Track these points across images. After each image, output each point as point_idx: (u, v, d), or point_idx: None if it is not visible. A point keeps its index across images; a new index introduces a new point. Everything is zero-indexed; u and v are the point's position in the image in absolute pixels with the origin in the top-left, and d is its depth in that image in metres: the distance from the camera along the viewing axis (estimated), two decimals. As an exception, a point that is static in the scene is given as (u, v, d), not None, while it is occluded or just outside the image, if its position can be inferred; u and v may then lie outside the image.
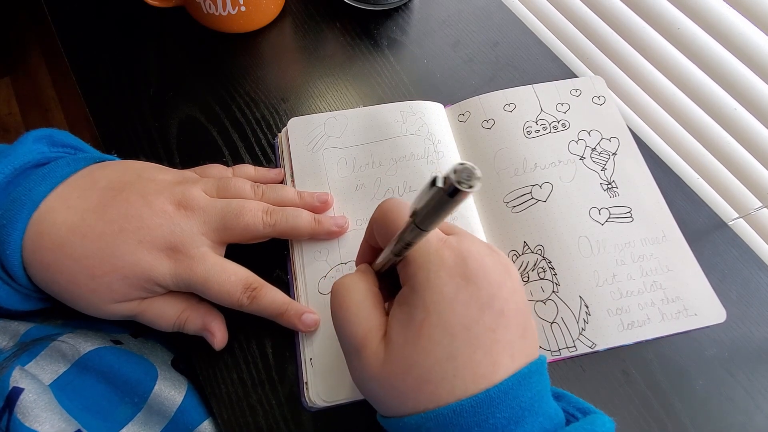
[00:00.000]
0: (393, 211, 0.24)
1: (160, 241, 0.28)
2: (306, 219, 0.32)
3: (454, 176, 0.16)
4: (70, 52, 0.43)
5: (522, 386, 0.22)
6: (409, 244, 0.21)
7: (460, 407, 0.21)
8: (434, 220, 0.19)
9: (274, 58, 0.45)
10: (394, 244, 0.22)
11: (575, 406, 0.25)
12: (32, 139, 0.29)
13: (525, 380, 0.22)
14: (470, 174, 0.16)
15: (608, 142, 0.39)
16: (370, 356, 0.23)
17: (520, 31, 0.47)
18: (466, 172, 0.16)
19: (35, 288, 0.27)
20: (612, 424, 0.23)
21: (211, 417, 0.30)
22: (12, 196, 0.26)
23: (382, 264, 0.25)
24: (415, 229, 0.20)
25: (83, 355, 0.28)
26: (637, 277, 0.34)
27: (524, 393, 0.22)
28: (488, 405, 0.21)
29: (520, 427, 0.21)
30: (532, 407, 0.22)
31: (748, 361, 0.33)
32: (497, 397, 0.21)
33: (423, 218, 0.19)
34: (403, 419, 0.22)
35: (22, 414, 0.23)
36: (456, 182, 0.16)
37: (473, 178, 0.16)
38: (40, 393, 0.24)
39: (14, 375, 0.24)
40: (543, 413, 0.22)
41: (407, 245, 0.22)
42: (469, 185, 0.16)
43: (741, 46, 0.35)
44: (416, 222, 0.19)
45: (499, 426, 0.21)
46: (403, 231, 0.21)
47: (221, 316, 0.31)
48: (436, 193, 0.17)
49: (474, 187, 0.16)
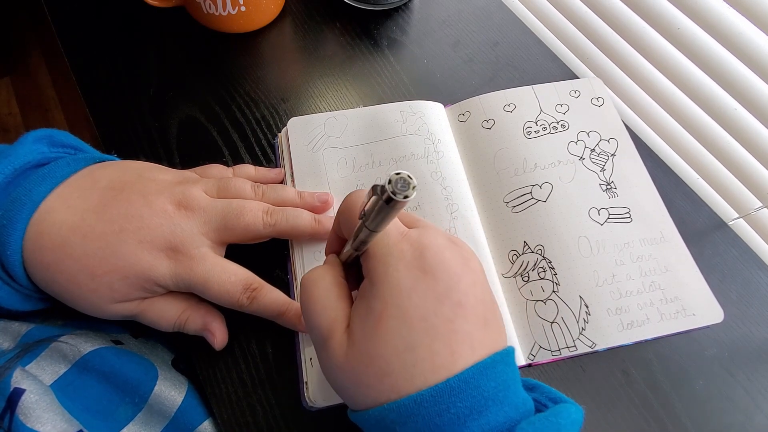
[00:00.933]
0: (356, 204, 0.25)
1: (160, 241, 0.28)
2: (306, 219, 0.32)
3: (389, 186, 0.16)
4: (70, 52, 0.43)
5: (484, 376, 0.22)
6: (364, 242, 0.22)
7: (421, 397, 0.21)
8: (379, 222, 0.20)
9: (274, 58, 0.45)
10: (352, 240, 0.23)
11: (547, 396, 0.25)
12: (32, 139, 0.29)
13: (487, 370, 0.22)
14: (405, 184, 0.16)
15: (607, 143, 0.39)
16: (335, 346, 0.23)
17: (520, 31, 0.47)
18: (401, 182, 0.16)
19: (35, 288, 0.27)
20: (580, 413, 0.23)
21: (211, 417, 0.30)
22: (12, 196, 0.26)
23: (346, 256, 0.26)
24: (365, 229, 0.21)
25: (84, 355, 0.28)
26: (636, 278, 0.34)
27: (487, 383, 0.22)
28: (448, 394, 0.21)
29: (483, 416, 0.21)
30: (497, 396, 0.22)
31: (748, 361, 0.33)
32: (457, 386, 0.21)
33: (371, 220, 0.20)
34: (367, 412, 0.22)
35: (24, 415, 0.23)
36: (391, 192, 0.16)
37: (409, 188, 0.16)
38: (42, 394, 0.24)
39: (15, 376, 0.24)
40: (509, 403, 0.22)
41: (362, 243, 0.22)
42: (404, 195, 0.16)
43: (741, 46, 0.35)
44: (366, 224, 0.20)
45: (461, 415, 0.21)
46: (357, 229, 0.22)
47: (221, 316, 0.31)
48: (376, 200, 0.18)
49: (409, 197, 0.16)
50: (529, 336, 0.33)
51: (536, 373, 0.32)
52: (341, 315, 0.24)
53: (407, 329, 0.22)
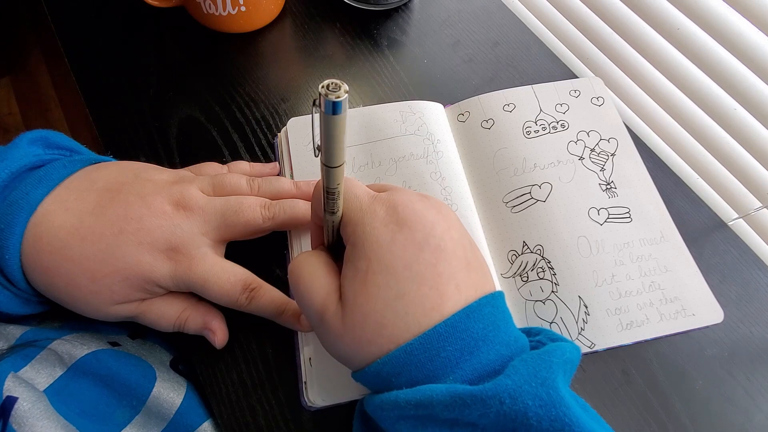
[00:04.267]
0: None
1: (160, 242, 0.27)
2: (303, 208, 0.33)
3: (323, 90, 0.17)
4: (70, 52, 0.43)
5: (471, 318, 0.23)
6: (332, 191, 0.22)
7: (410, 347, 0.22)
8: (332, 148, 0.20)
9: (274, 58, 0.45)
10: (324, 202, 0.24)
11: (548, 336, 0.26)
12: (27, 141, 0.29)
13: (475, 312, 0.23)
14: (337, 86, 0.17)
15: (607, 142, 0.39)
16: (331, 318, 0.24)
17: (520, 31, 0.47)
18: (332, 85, 0.17)
19: (34, 292, 0.27)
20: (576, 352, 0.24)
21: (210, 418, 0.30)
22: (9, 200, 0.26)
23: (327, 234, 0.26)
24: (326, 168, 0.21)
25: (80, 358, 0.28)
26: (635, 278, 0.34)
27: (475, 324, 0.22)
28: (437, 339, 0.22)
29: (474, 356, 0.22)
30: (486, 337, 0.23)
31: (748, 361, 0.33)
32: (445, 331, 0.22)
33: (324, 152, 0.20)
34: (365, 370, 0.23)
35: (18, 424, 0.23)
36: (325, 95, 0.17)
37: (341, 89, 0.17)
38: (35, 401, 0.24)
39: (7, 384, 0.24)
40: (500, 341, 0.23)
41: (332, 193, 0.23)
42: (336, 96, 0.17)
43: (741, 46, 0.35)
44: (322, 161, 0.21)
45: (452, 358, 0.22)
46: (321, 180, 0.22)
47: (221, 314, 0.31)
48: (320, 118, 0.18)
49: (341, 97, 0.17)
50: (529, 336, 0.33)
51: (536, 373, 0.32)
52: (332, 288, 0.24)
53: (394, 279, 0.22)
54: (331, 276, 0.25)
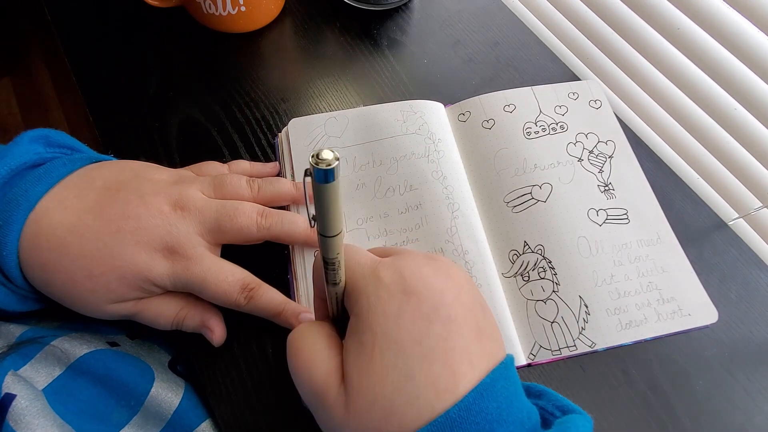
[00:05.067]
0: None
1: (157, 241, 0.27)
2: (302, 226, 0.32)
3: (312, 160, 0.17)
4: (70, 52, 0.43)
5: (485, 398, 0.21)
6: (331, 261, 0.21)
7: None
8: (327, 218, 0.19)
9: (274, 58, 0.45)
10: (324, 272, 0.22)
11: (554, 404, 0.24)
12: (28, 139, 0.29)
13: (488, 390, 0.21)
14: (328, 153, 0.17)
15: (605, 145, 0.40)
16: (333, 402, 0.22)
17: (521, 31, 0.47)
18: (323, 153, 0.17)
19: (32, 289, 0.27)
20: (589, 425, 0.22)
21: (209, 418, 0.30)
22: (8, 197, 0.26)
23: (331, 305, 0.25)
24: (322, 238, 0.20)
25: (79, 358, 0.27)
26: (634, 278, 0.34)
27: (489, 404, 0.20)
28: (451, 427, 0.20)
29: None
30: (500, 417, 0.20)
31: (748, 361, 0.33)
32: (459, 416, 0.20)
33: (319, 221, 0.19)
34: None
35: (15, 421, 0.23)
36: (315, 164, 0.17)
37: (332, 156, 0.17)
38: (33, 399, 0.24)
39: (6, 381, 0.24)
40: (513, 420, 0.21)
41: (331, 264, 0.21)
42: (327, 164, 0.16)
43: (741, 46, 0.35)
44: (318, 230, 0.19)
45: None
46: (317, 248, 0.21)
47: (219, 313, 0.31)
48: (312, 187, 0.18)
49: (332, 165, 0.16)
50: (530, 335, 0.33)
51: (536, 372, 0.32)
52: (334, 366, 0.22)
53: (402, 357, 0.21)
54: (332, 350, 0.23)
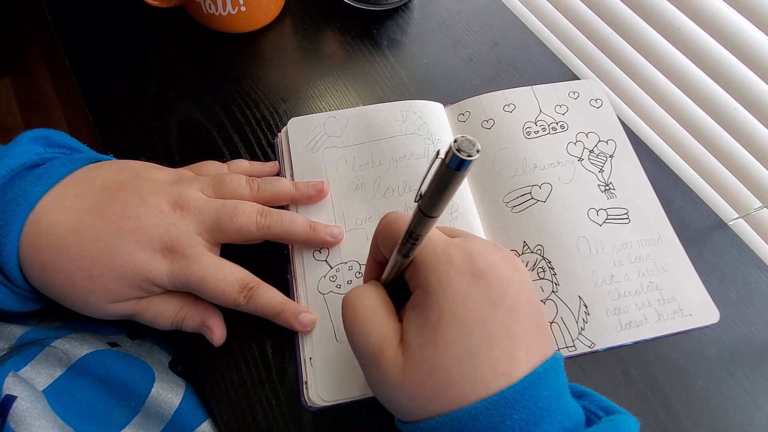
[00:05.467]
0: (397, 221, 0.24)
1: (156, 241, 0.27)
2: (301, 226, 0.32)
3: (454, 145, 0.16)
4: (70, 52, 0.43)
5: (538, 385, 0.21)
6: (417, 237, 0.21)
7: (475, 410, 0.20)
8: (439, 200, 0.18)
9: (274, 58, 0.45)
10: (401, 244, 0.22)
11: (598, 405, 0.24)
12: (28, 139, 0.29)
13: (541, 379, 0.22)
14: (471, 144, 0.16)
15: (605, 144, 0.39)
16: (388, 364, 0.22)
17: (520, 31, 0.47)
18: (466, 142, 0.16)
19: (32, 289, 0.27)
20: (637, 425, 0.22)
21: (209, 419, 0.30)
22: (8, 197, 0.26)
23: (390, 272, 0.25)
24: (422, 216, 0.19)
25: (79, 358, 0.28)
26: (634, 278, 0.34)
27: (541, 392, 0.21)
28: (504, 406, 0.20)
29: (538, 427, 0.21)
30: (550, 406, 0.21)
31: (748, 361, 0.33)
32: (513, 397, 0.21)
33: (428, 200, 0.19)
34: (418, 424, 0.22)
35: (15, 422, 0.23)
36: (456, 150, 0.16)
37: (474, 148, 0.16)
38: (34, 401, 0.24)
39: (7, 382, 0.24)
40: (561, 412, 0.22)
41: (414, 239, 0.21)
42: (468, 154, 0.16)
43: (741, 46, 0.35)
44: (421, 207, 0.19)
45: (517, 427, 0.20)
46: (409, 224, 0.21)
47: (219, 312, 0.31)
48: (439, 168, 0.17)
49: (473, 156, 0.16)
50: (529, 336, 0.33)
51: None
52: (391, 331, 0.23)
53: (466, 336, 0.21)
54: (390, 317, 0.24)
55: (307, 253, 0.34)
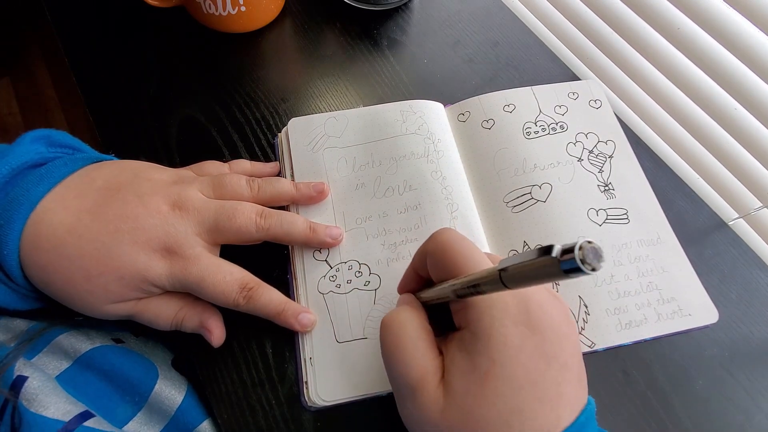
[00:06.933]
0: (454, 249, 0.24)
1: (155, 241, 0.27)
2: (301, 227, 0.32)
3: (579, 252, 0.14)
4: (70, 52, 0.43)
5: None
6: (481, 292, 0.20)
7: None
8: (528, 284, 0.17)
9: (274, 58, 0.45)
10: (460, 287, 0.21)
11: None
12: (30, 139, 0.29)
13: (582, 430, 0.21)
14: (597, 257, 0.14)
15: (605, 144, 0.39)
16: (427, 401, 0.22)
17: (520, 31, 0.47)
18: (593, 252, 0.14)
19: (32, 288, 0.27)
20: None
21: (210, 417, 0.30)
22: (10, 196, 0.26)
23: (434, 298, 0.24)
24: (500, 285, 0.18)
25: (85, 352, 0.28)
26: (634, 278, 0.34)
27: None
28: None
29: None
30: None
31: (748, 361, 0.33)
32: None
33: (515, 279, 0.18)
34: None
35: (28, 401, 0.23)
36: (580, 260, 0.14)
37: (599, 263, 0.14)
38: (45, 380, 0.24)
39: (18, 365, 0.24)
40: None
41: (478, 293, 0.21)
42: (592, 267, 0.14)
43: (741, 46, 0.35)
44: (503, 279, 0.18)
45: None
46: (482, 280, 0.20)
47: (219, 313, 0.31)
48: (547, 262, 0.15)
49: (596, 271, 0.14)
50: (529, 336, 0.33)
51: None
52: (432, 366, 0.23)
53: (516, 391, 0.21)
54: (432, 350, 0.23)
55: (307, 253, 0.34)
